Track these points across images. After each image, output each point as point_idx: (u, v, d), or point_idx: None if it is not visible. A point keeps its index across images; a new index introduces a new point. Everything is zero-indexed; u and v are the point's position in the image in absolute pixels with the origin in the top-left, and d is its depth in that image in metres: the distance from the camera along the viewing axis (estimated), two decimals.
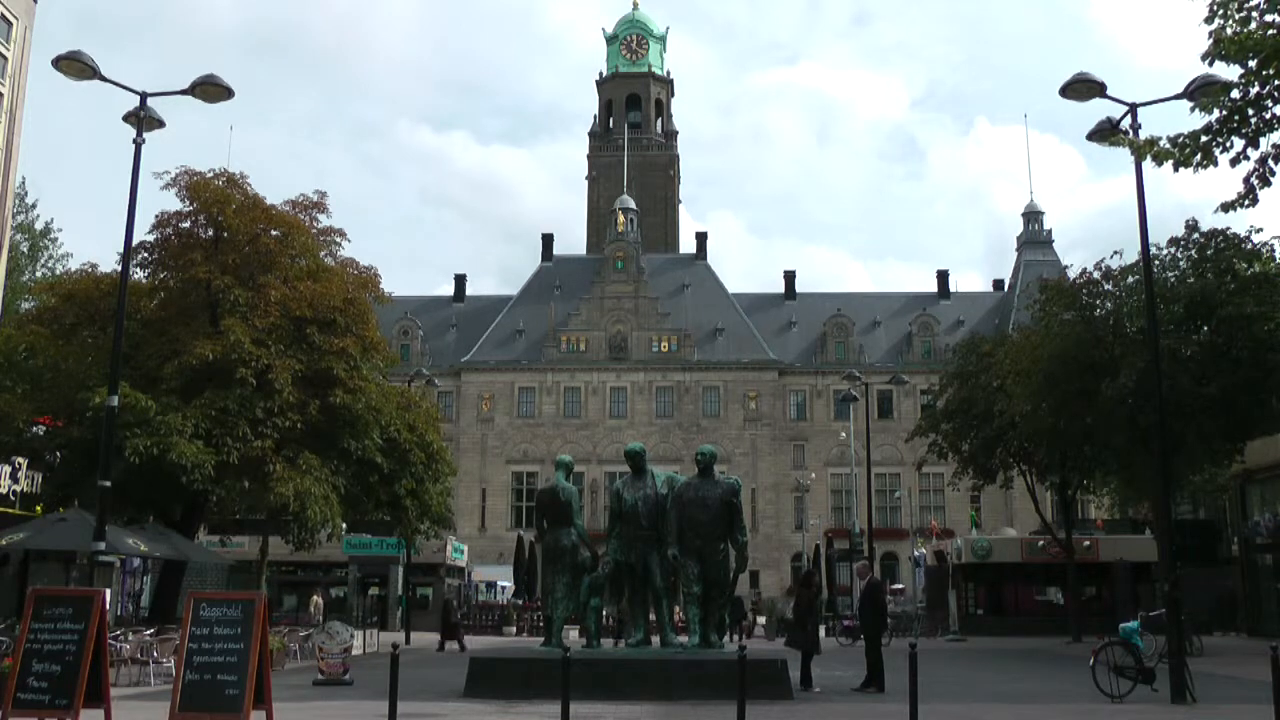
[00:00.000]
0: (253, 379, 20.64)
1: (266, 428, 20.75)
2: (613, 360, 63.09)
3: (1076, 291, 24.75)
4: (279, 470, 20.59)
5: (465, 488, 59.18)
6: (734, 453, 60.66)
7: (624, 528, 13.29)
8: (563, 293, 65.21)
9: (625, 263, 65.02)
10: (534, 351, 63.49)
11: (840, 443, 56.57)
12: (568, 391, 62.95)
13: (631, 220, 67.20)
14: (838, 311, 64.23)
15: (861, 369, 48.41)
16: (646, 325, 63.73)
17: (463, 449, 60.34)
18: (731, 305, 65.73)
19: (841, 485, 59.85)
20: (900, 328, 64.72)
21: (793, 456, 62.12)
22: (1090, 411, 23.03)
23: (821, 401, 62.73)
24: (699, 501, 12.78)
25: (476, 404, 62.71)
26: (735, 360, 62.65)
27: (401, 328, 63.27)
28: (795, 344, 65.05)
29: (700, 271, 68.13)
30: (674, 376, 62.84)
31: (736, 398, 62.43)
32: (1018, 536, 39.17)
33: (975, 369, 30.95)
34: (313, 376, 21.70)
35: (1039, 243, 66.59)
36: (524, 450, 62.06)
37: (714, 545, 12.78)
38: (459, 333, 65.95)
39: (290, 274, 22.77)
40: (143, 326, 21.69)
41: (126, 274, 14.07)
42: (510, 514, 61.42)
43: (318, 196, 23.79)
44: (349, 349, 22.14)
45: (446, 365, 62.33)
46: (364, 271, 23.94)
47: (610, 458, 58.75)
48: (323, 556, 31.47)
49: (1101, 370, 22.45)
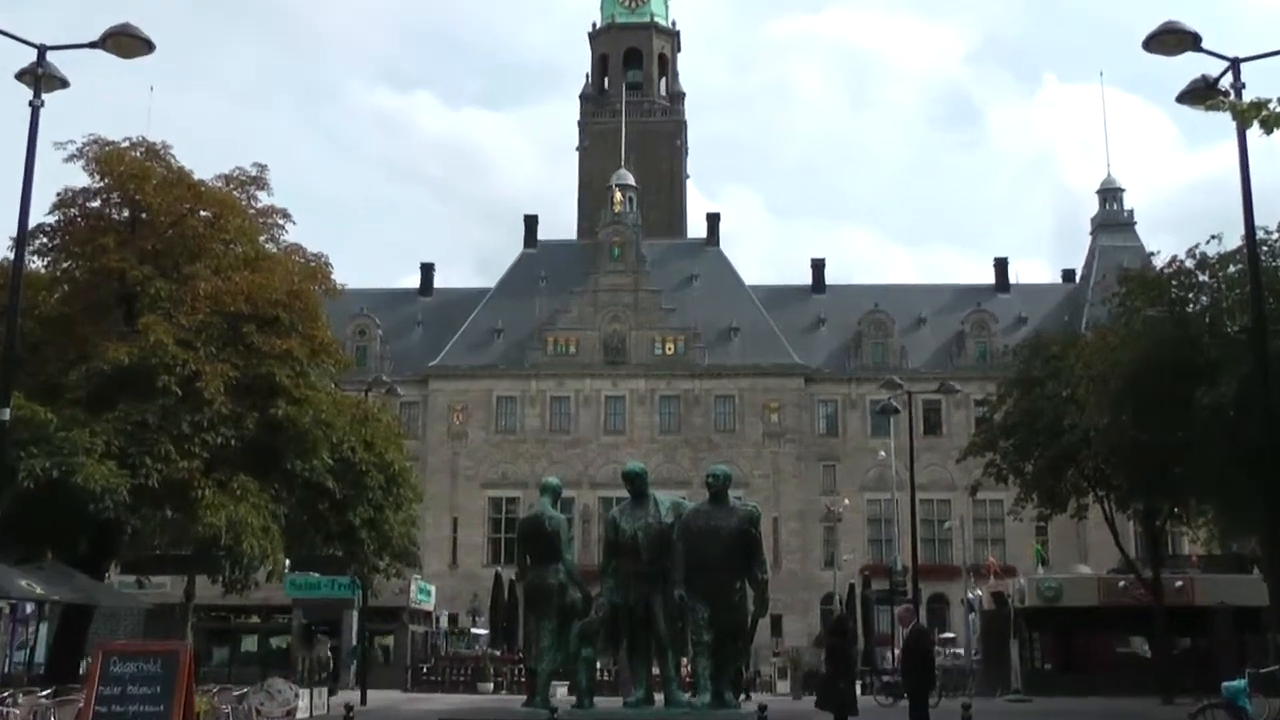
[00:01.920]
0: (177, 388, 20.54)
1: (193, 445, 20.63)
2: (608, 365, 63.03)
3: (1164, 283, 24.64)
4: (208, 496, 20.49)
5: (433, 516, 58.98)
6: (752, 474, 60.53)
7: (621, 563, 13.25)
8: (549, 285, 65.16)
9: (623, 249, 64.97)
10: (515, 354, 63.42)
11: (878, 463, 56.42)
12: (555, 401, 62.87)
13: (630, 199, 67.14)
14: (875, 307, 64.12)
15: (904, 375, 48.27)
16: (648, 323, 63.68)
17: (430, 470, 60.15)
18: (748, 299, 65.65)
19: (880, 513, 59.57)
20: (950, 326, 64.62)
21: (822, 479, 61.98)
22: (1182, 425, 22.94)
23: (856, 414, 62.62)
24: (710, 532, 12.71)
25: (447, 416, 62.65)
26: (753, 365, 62.59)
27: (357, 326, 63.13)
28: (824, 345, 64.93)
29: (711, 260, 68.05)
30: (680, 384, 62.77)
31: (755, 409, 62.35)
32: (1094, 575, 39.07)
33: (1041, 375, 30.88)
34: (250, 384, 21.61)
35: (1117, 225, 66.55)
36: (503, 471, 61.96)
37: (728, 585, 12.72)
38: (426, 332, 65.87)
39: (223, 263, 22.67)
40: (41, 325, 21.57)
41: (21, 263, 14.04)
42: (486, 548, 61.26)
43: (256, 170, 23.68)
44: (294, 351, 22.04)
45: (411, 370, 62.22)
46: (312, 259, 23.84)
47: (605, 480, 58.51)
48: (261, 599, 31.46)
49: (1196, 376, 22.34)
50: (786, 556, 59.94)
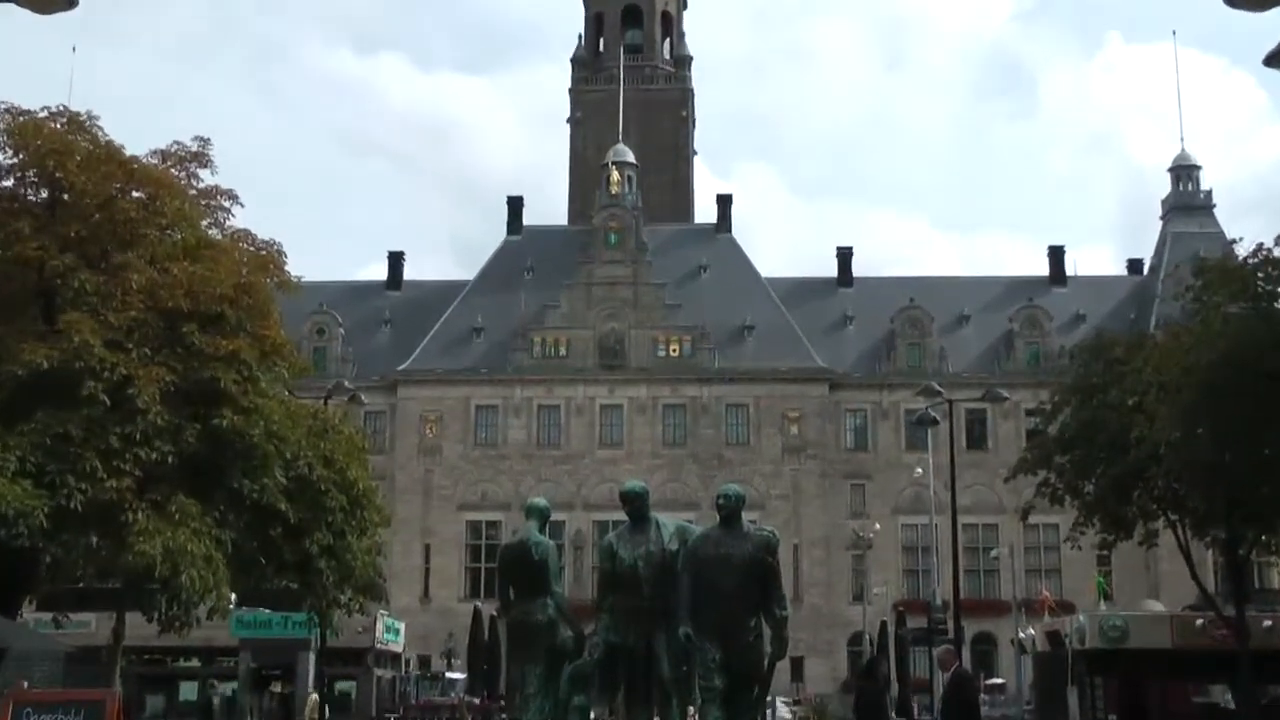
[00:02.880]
0: (105, 395, 20.51)
1: (124, 462, 20.62)
2: (604, 368, 63.11)
3: (1248, 274, 24.62)
4: (141, 520, 20.46)
5: (402, 543, 59.07)
6: (769, 495, 60.65)
7: (619, 597, 13.19)
8: (536, 277, 65.28)
9: (620, 236, 65.08)
10: (497, 356, 63.54)
11: (914, 481, 56.37)
12: (543, 411, 62.96)
13: (629, 178, 67.26)
14: (911, 302, 64.29)
15: (943, 380, 48.22)
16: (649, 321, 63.79)
17: (399, 490, 60.23)
18: (765, 293, 65.79)
19: (916, 540, 59.66)
20: (997, 324, 64.73)
21: (849, 500, 62.08)
22: (1268, 439, 22.91)
23: (888, 425, 62.71)
24: (721, 562, 12.66)
25: (418, 428, 62.72)
26: (770, 368, 62.66)
27: (315, 324, 63.36)
28: (852, 346, 65.06)
29: (722, 248, 68.19)
30: (687, 390, 62.86)
31: (772, 420, 62.41)
32: (1166, 613, 38.96)
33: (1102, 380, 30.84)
34: (191, 391, 21.60)
35: (1193, 208, 66.62)
36: (483, 491, 62.05)
37: (742, 622, 12.66)
38: (394, 331, 66.05)
39: (159, 251, 22.65)
40: None
41: None
42: (464, 579, 61.45)
43: (198, 145, 23.68)
44: (242, 353, 22.04)
45: (377, 375, 62.42)
46: (263, 248, 23.91)
47: (600, 501, 58.61)
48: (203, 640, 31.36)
49: None
50: (809, 589, 60.00)
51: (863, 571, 57.68)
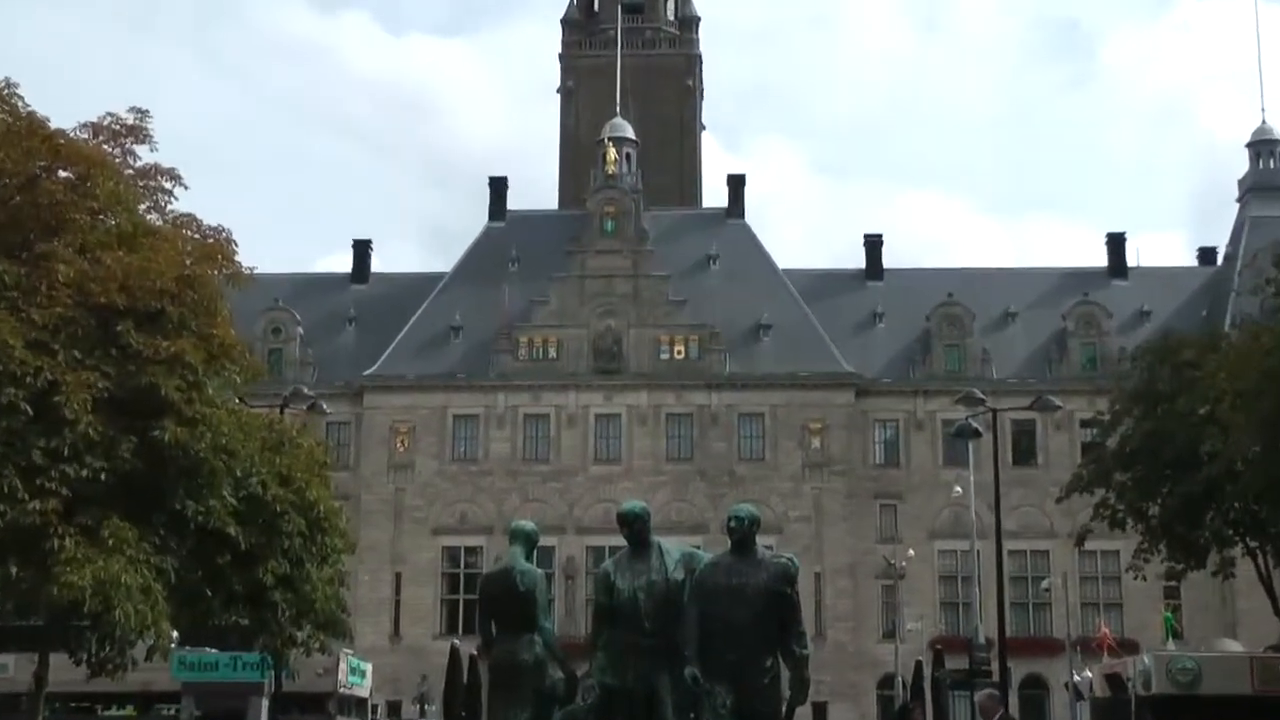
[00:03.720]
0: (26, 404, 20.46)
1: (49, 480, 20.56)
2: (599, 373, 63.18)
3: None
4: (69, 547, 20.40)
5: (369, 573, 59.17)
6: (787, 517, 60.76)
7: (616, 634, 13.22)
8: (522, 269, 65.41)
9: (618, 222, 65.15)
10: (477, 359, 63.66)
11: (953, 502, 56.31)
12: (530, 421, 63.05)
13: (628, 156, 67.39)
14: (949, 297, 64.36)
15: (987, 386, 48.29)
16: (651, 319, 63.88)
17: (366, 512, 60.29)
18: (783, 287, 65.89)
19: (956, 568, 59.77)
20: (1048, 322, 64.86)
21: (879, 523, 62.12)
22: None
23: (923, 437, 62.78)
24: (733, 593, 12.69)
25: (387, 441, 62.78)
26: (789, 373, 62.75)
27: (270, 322, 63.46)
28: (882, 348, 65.14)
29: (734, 236, 68.24)
30: (694, 398, 62.91)
31: (791, 431, 62.48)
32: (1245, 654, 38.74)
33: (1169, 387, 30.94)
34: (127, 399, 21.55)
35: (1274, 188, 66.74)
36: (461, 513, 62.14)
37: (756, 661, 12.69)
38: (360, 330, 66.21)
39: (90, 239, 22.56)
40: None
41: None
42: (440, 613, 61.55)
43: (135, 117, 23.57)
44: (185, 356, 21.98)
45: (341, 380, 62.60)
46: (210, 235, 23.82)
47: (595, 524, 58.71)
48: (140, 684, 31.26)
49: None
50: (833, 625, 60.04)
51: (894, 604, 57.56)
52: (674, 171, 75.12)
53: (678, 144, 76.98)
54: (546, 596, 13.99)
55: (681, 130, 77.74)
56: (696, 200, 75.57)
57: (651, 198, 68.26)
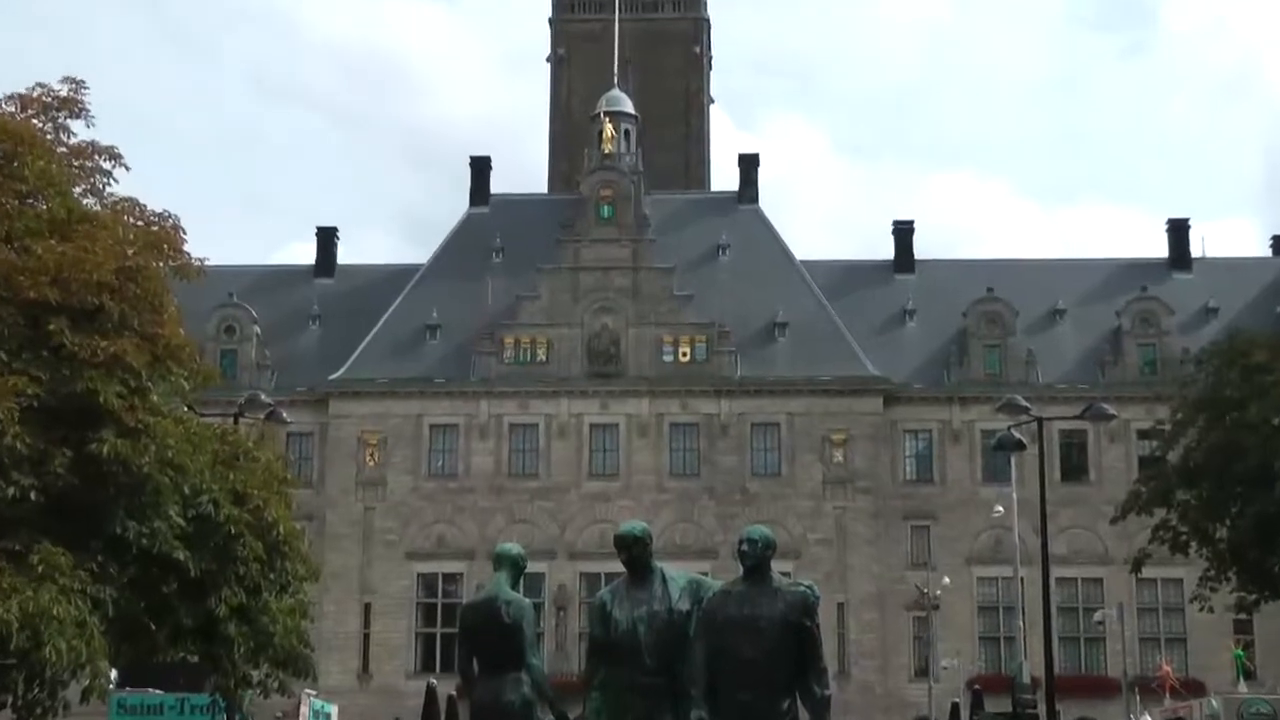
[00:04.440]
0: None
1: None
2: (595, 377, 63.23)
3: None
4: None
5: (336, 603, 59.18)
6: (806, 540, 60.81)
7: (614, 671, 13.19)
8: (508, 260, 65.50)
9: (616, 208, 65.12)
10: (457, 362, 63.74)
11: (994, 523, 56.27)
12: (516, 432, 63.10)
13: (627, 133, 67.36)
14: (988, 292, 64.39)
15: (1032, 393, 48.30)
16: (653, 316, 63.88)
17: (331, 534, 60.40)
18: (801, 281, 65.93)
19: (997, 598, 59.79)
20: (1101, 320, 64.93)
21: (910, 547, 62.13)
22: None
23: (960, 451, 62.82)
24: (745, 626, 12.67)
25: (356, 454, 62.79)
26: (808, 378, 62.80)
27: (224, 321, 63.54)
28: (913, 349, 65.23)
29: (747, 223, 68.33)
30: (701, 406, 62.94)
31: (810, 444, 62.53)
32: None
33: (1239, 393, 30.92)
34: (60, 407, 21.56)
35: None
36: (438, 536, 62.18)
37: (771, 703, 12.66)
38: (325, 329, 66.34)
39: (17, 226, 22.56)
40: None
41: None
42: (415, 648, 61.53)
43: (69, 89, 23.68)
44: (127, 358, 22.02)
45: (303, 386, 62.65)
46: (155, 222, 23.85)
47: (590, 548, 58.91)
48: None
49: None
50: (858, 662, 60.08)
51: (927, 639, 57.51)
52: (679, 150, 75.07)
53: (683, 119, 76.88)
54: (535, 629, 13.98)
55: (687, 104, 77.64)
56: (704, 183, 75.43)
57: (653, 180, 68.23)
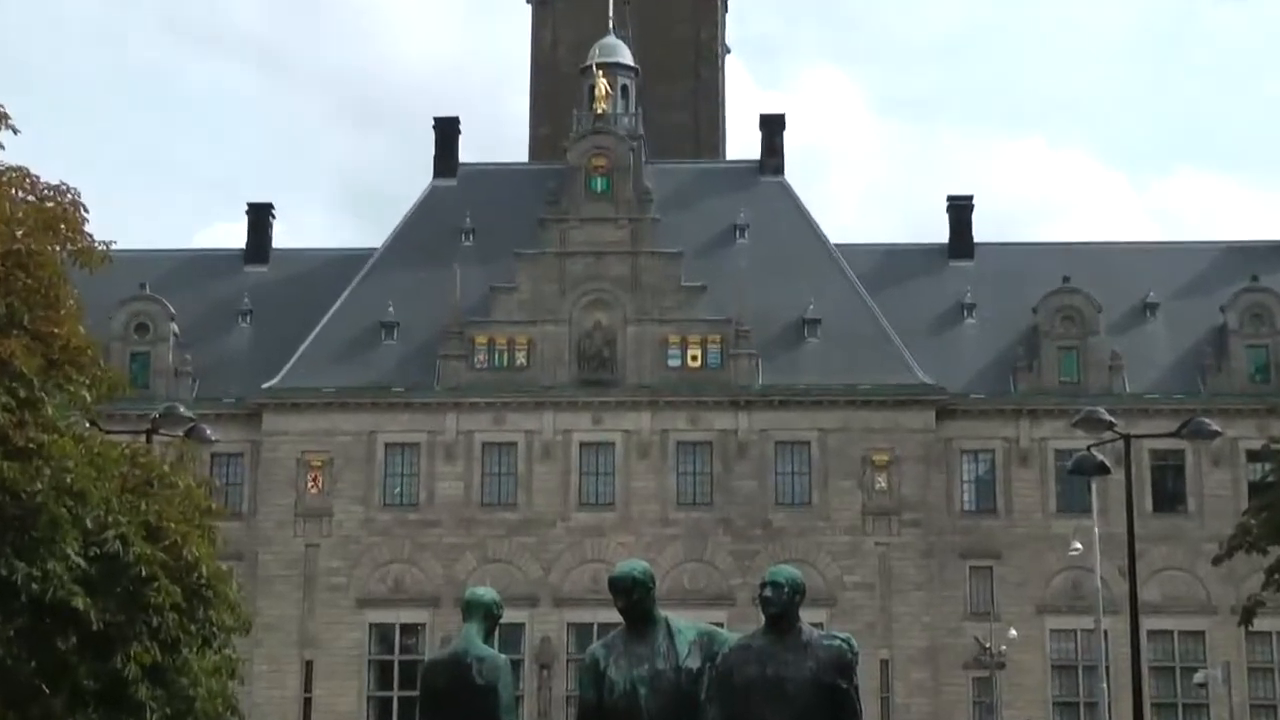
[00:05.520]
0: None
1: None
2: (585, 385, 63.48)
3: None
4: None
5: (270, 660, 59.38)
6: (842, 583, 61.05)
7: None
8: (479, 243, 65.90)
9: (612, 180, 65.32)
10: (418, 366, 64.06)
11: (1071, 563, 56.56)
12: (489, 452, 63.35)
13: (625, 90, 67.53)
14: (1064, 282, 64.74)
15: (1117, 404, 48.34)
16: (656, 312, 64.18)
17: (265, 577, 60.70)
18: (835, 269, 66.26)
19: (1075, 654, 60.16)
20: (1203, 315, 65.20)
21: (969, 591, 62.39)
22: None
23: (1029, 474, 63.03)
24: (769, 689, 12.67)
25: (294, 479, 63.05)
26: (846, 385, 63.04)
27: (135, 317, 64.03)
28: (972, 352, 65.53)
29: (770, 198, 68.66)
30: (714, 420, 63.16)
31: (847, 466, 62.77)
32: None
33: None
34: None
35: None
36: (395, 578, 62.42)
37: None
38: (258, 328, 66.68)
39: None
40: None
41: None
42: (367, 716, 61.68)
43: None
44: (15, 362, 22.11)
45: (231, 396, 63.06)
46: (50, 197, 24.00)
47: (579, 592, 59.22)
48: None
49: None
50: None
51: (990, 704, 57.79)
52: (687, 110, 75.26)
53: (692, 73, 77.10)
54: (512, 692, 14.03)
55: (698, 54, 77.84)
56: (718, 150, 75.66)
57: (657, 146, 68.39)
